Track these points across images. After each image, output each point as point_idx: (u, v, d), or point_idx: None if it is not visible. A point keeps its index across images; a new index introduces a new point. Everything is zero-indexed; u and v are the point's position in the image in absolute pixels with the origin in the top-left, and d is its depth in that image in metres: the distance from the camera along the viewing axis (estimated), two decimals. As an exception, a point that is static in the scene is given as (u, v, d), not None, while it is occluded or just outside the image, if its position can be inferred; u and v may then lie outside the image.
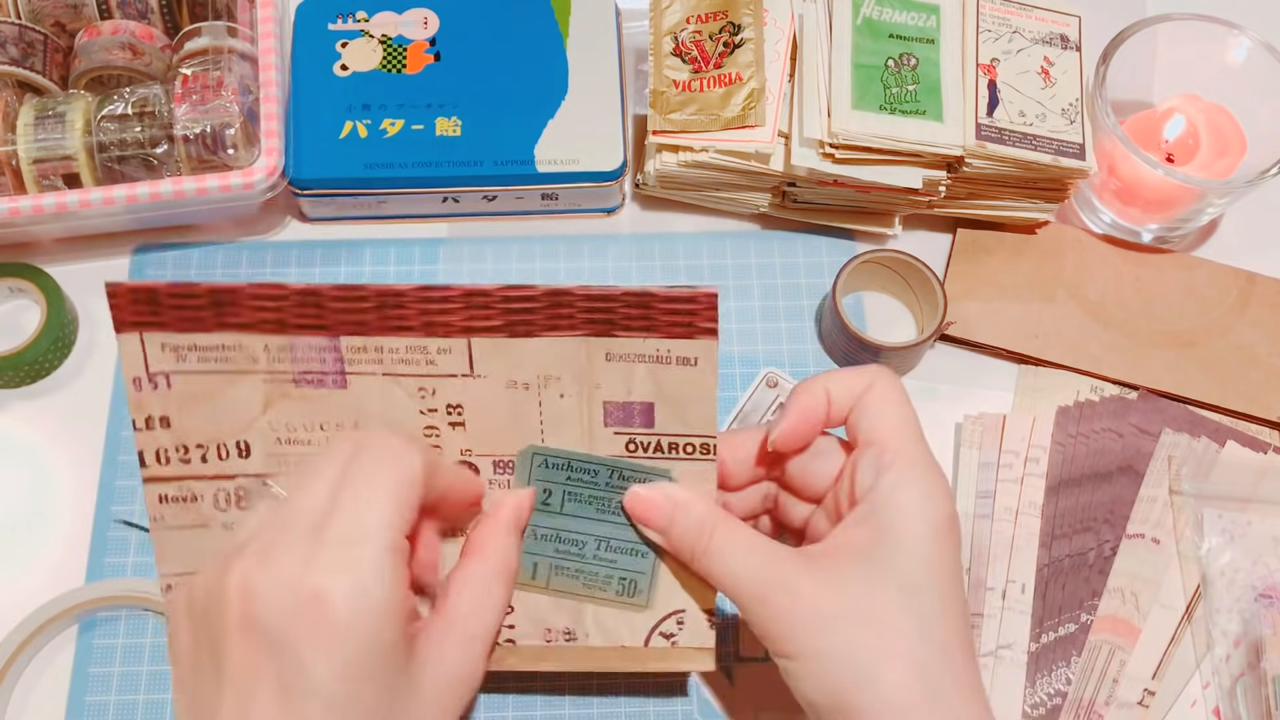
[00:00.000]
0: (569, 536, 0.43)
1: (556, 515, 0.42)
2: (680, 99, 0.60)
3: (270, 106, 0.59)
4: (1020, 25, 0.62)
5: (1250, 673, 0.52)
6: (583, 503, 0.42)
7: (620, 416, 0.41)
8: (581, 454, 0.41)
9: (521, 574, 0.43)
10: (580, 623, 0.43)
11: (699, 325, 0.38)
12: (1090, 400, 0.59)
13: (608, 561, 0.43)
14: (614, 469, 0.42)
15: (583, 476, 0.42)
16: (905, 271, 0.60)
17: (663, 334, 0.39)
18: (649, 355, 0.39)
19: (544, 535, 0.43)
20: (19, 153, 0.57)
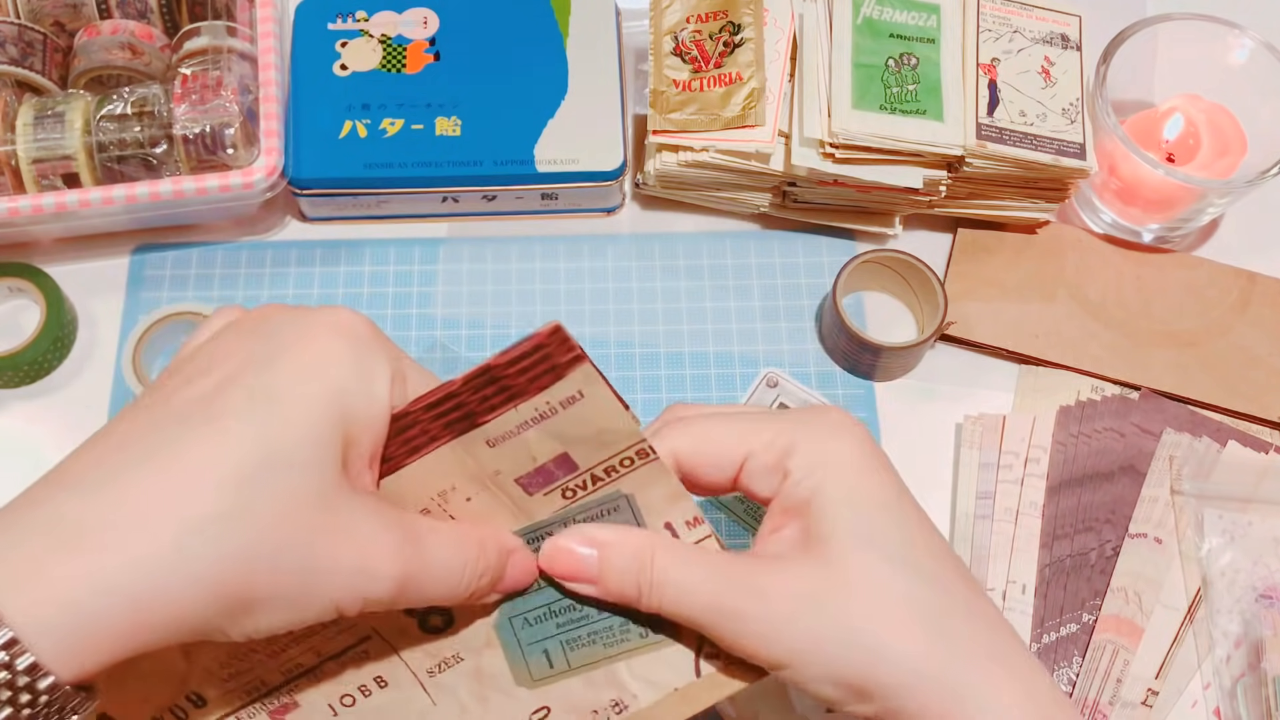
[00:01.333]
0: (563, 605, 0.39)
1: (541, 592, 0.38)
2: (680, 99, 0.60)
3: (270, 106, 0.59)
4: (1021, 25, 0.62)
5: (1251, 673, 0.52)
6: None
7: (540, 482, 0.37)
8: (525, 527, 0.38)
9: (537, 671, 0.39)
10: (623, 687, 0.39)
11: (560, 363, 0.34)
12: (1091, 400, 0.59)
13: (615, 609, 0.38)
14: (566, 520, 0.38)
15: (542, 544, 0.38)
16: (906, 271, 0.60)
17: (530, 394, 0.34)
18: (531, 419, 0.35)
19: (537, 618, 0.39)
20: (18, 152, 0.57)
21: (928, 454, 0.59)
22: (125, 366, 0.57)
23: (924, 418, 0.60)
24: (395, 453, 0.36)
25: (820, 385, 0.60)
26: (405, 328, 0.61)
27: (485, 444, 0.35)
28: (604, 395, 0.35)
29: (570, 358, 0.34)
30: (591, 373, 0.34)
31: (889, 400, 0.60)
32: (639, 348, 0.61)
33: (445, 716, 0.39)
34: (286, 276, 0.62)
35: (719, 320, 0.62)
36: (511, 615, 0.39)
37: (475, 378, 0.34)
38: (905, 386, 0.61)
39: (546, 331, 0.33)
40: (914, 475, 0.58)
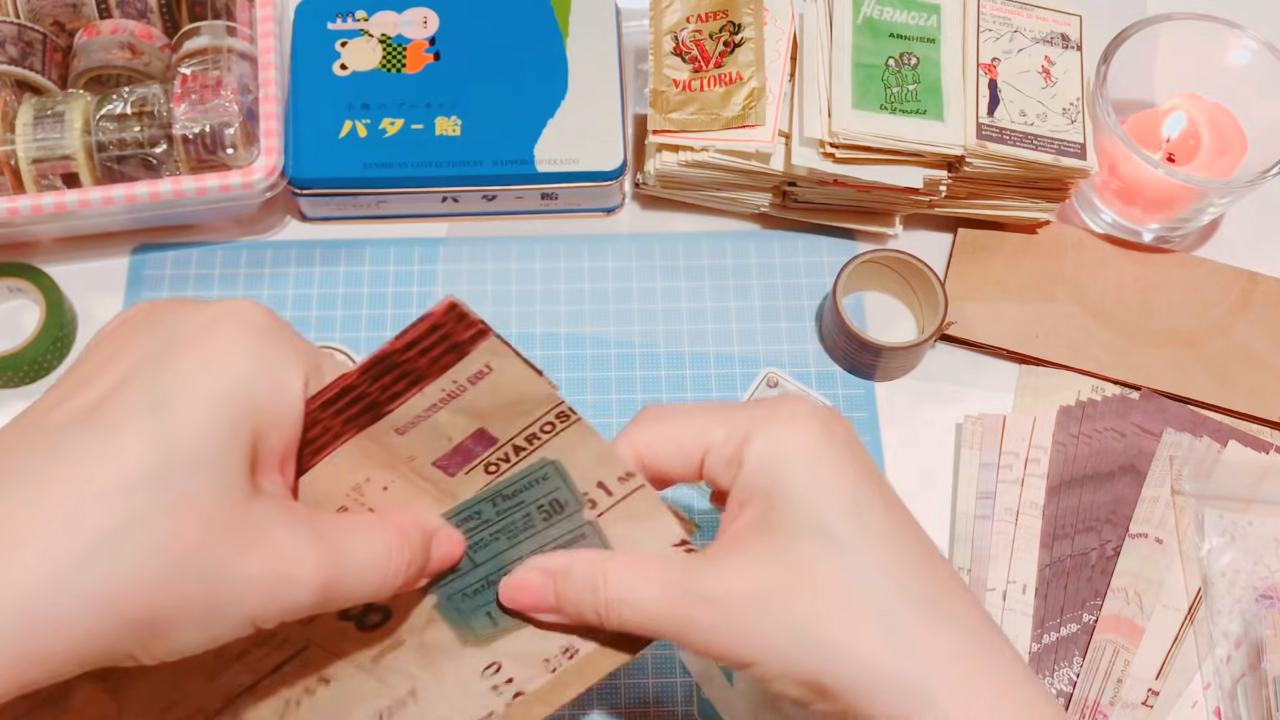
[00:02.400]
0: (501, 573, 0.38)
1: (473, 570, 0.38)
2: (680, 98, 0.60)
3: (269, 106, 0.59)
4: (1021, 24, 0.62)
5: (1251, 674, 0.52)
6: (488, 544, 0.38)
7: (459, 461, 0.36)
8: (452, 509, 0.37)
9: (482, 632, 0.39)
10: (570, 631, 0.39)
11: (461, 340, 0.32)
12: (1092, 400, 0.59)
13: None
14: (495, 496, 0.37)
15: (472, 525, 0.38)
16: (906, 271, 0.60)
17: (434, 376, 0.33)
18: (439, 401, 0.34)
19: (475, 590, 0.38)
20: (18, 152, 0.57)
21: (928, 454, 0.59)
22: (125, 366, 0.57)
23: (924, 418, 0.60)
24: (302, 454, 0.34)
25: (820, 385, 0.60)
26: (405, 328, 0.61)
27: (394, 432, 0.34)
28: (514, 364, 0.33)
29: (472, 333, 0.32)
30: (497, 344, 0.33)
31: (889, 400, 0.60)
32: (639, 348, 0.61)
33: (395, 692, 0.38)
34: (286, 276, 0.62)
35: (719, 320, 0.62)
36: (450, 594, 0.38)
37: (372, 367, 0.32)
38: (905, 386, 0.61)
39: (441, 309, 0.31)
40: (914, 475, 0.58)
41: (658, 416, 0.38)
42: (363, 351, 0.60)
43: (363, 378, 0.32)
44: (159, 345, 0.31)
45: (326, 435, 0.34)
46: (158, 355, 0.31)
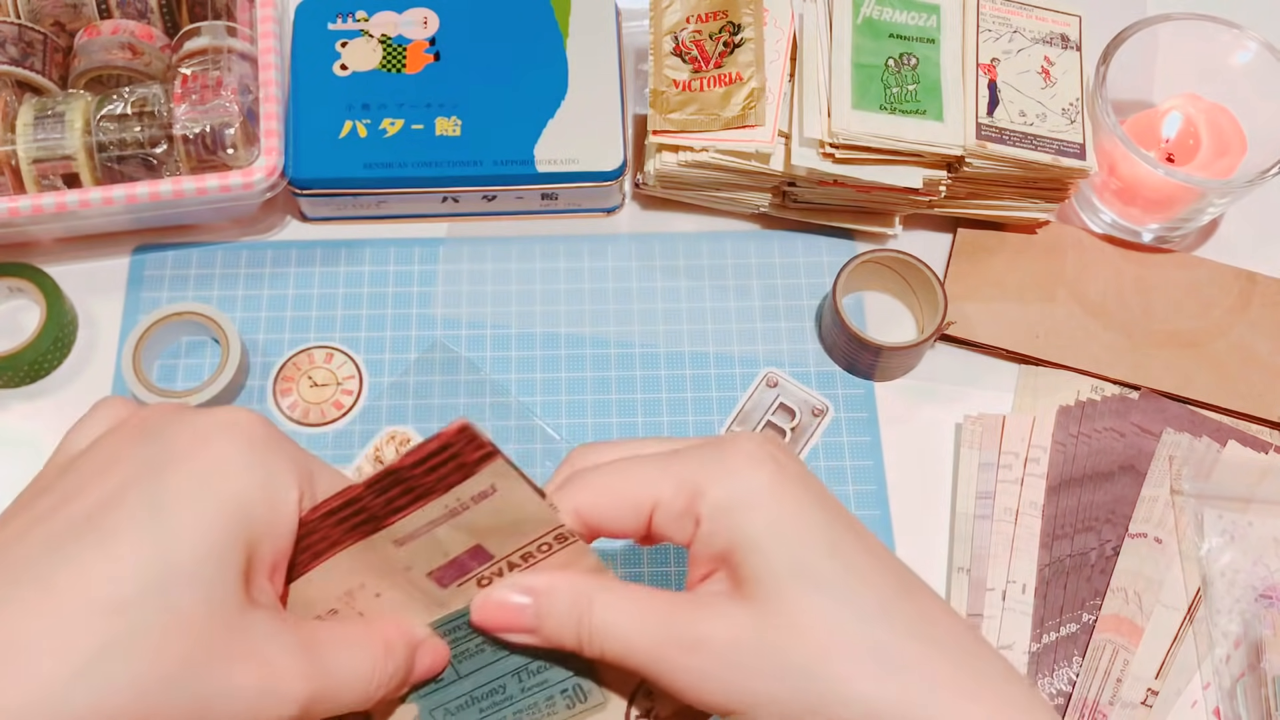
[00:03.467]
0: (484, 691, 0.37)
1: (460, 681, 0.37)
2: (680, 99, 0.60)
3: (270, 106, 0.59)
4: (1020, 25, 0.62)
5: (1250, 673, 0.52)
6: (474, 655, 0.37)
7: (453, 574, 0.35)
8: (440, 619, 0.36)
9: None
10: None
11: (469, 462, 0.32)
12: (1091, 400, 0.59)
13: (539, 686, 0.37)
14: None
15: (459, 635, 0.37)
16: (905, 271, 0.60)
17: (439, 493, 0.33)
18: (440, 517, 0.33)
19: (458, 706, 0.37)
20: (18, 152, 0.57)
21: (927, 454, 0.59)
22: (125, 366, 0.57)
23: (924, 418, 0.60)
24: (298, 559, 0.34)
25: (820, 385, 0.60)
26: (405, 328, 0.61)
27: (393, 543, 0.34)
28: (518, 488, 0.33)
29: (479, 455, 0.32)
30: (504, 467, 0.32)
31: (889, 400, 0.60)
32: (639, 348, 0.61)
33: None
34: (286, 276, 0.62)
35: (719, 320, 0.62)
36: (432, 708, 0.37)
37: (379, 481, 0.32)
38: (905, 386, 0.61)
39: (453, 430, 0.31)
40: (913, 475, 0.58)
41: (595, 469, 0.36)
42: (363, 351, 0.61)
43: (368, 491, 0.32)
44: (155, 455, 0.31)
45: (324, 543, 0.34)
46: (155, 466, 0.31)
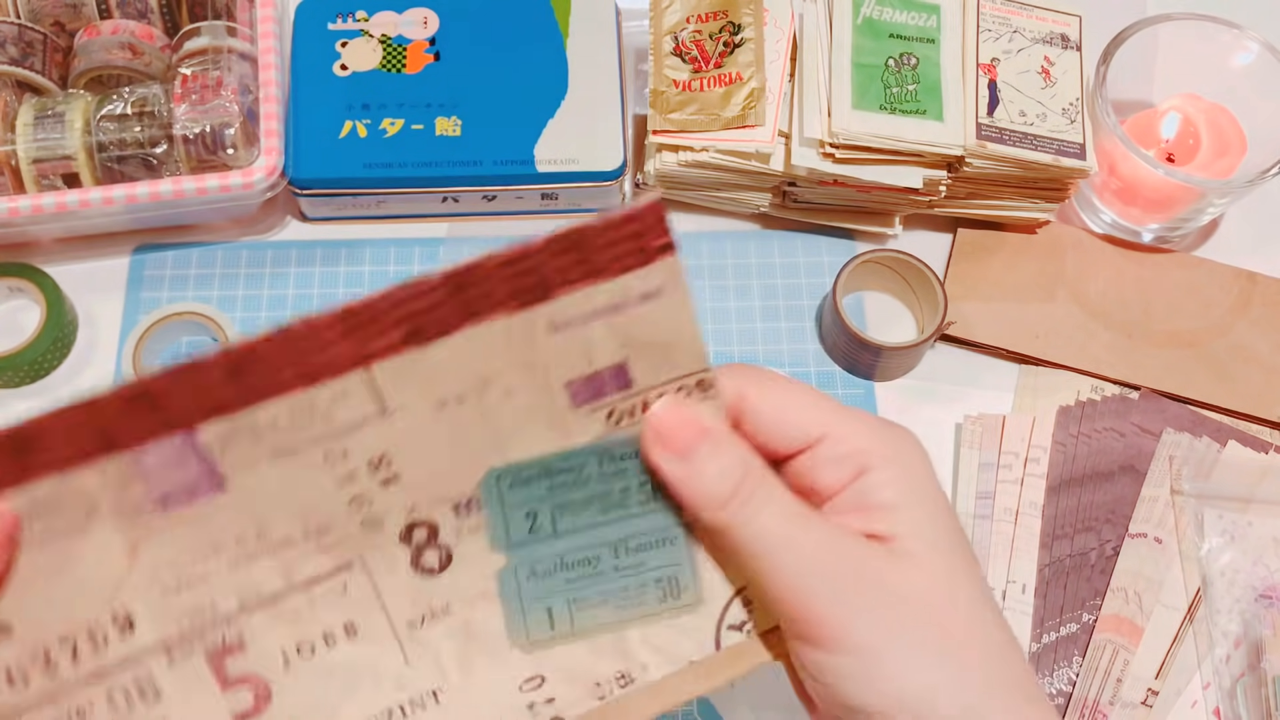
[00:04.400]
0: (576, 558, 0.34)
1: (552, 540, 0.33)
2: (680, 99, 0.60)
3: (270, 106, 0.59)
4: (1021, 25, 0.62)
5: (1250, 673, 0.52)
6: (578, 511, 0.33)
7: (589, 392, 0.32)
8: (556, 454, 0.32)
9: (535, 632, 0.34)
10: (631, 657, 0.34)
11: (651, 246, 0.30)
12: (1092, 400, 0.59)
13: (634, 568, 0.34)
14: (602, 454, 0.33)
15: (567, 479, 0.33)
16: (905, 271, 0.60)
17: (612, 274, 0.30)
18: (603, 308, 0.30)
19: (545, 570, 0.33)
20: (18, 152, 0.57)
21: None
22: (125, 366, 0.57)
23: (924, 418, 0.60)
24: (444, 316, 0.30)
25: (820, 385, 0.60)
26: (405, 328, 0.61)
27: (548, 326, 0.30)
28: (683, 300, 0.30)
29: (661, 244, 0.30)
30: (678, 269, 0.30)
31: (889, 400, 0.60)
32: (639, 348, 0.61)
33: (417, 685, 0.33)
34: (286, 276, 0.62)
35: (719, 320, 0.62)
36: (519, 563, 0.33)
37: (562, 239, 0.29)
38: (905, 386, 0.61)
39: (646, 205, 0.29)
40: (914, 475, 0.58)
41: (767, 377, 0.34)
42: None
43: (547, 247, 0.29)
44: None
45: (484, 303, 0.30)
46: None
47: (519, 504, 0.33)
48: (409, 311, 0.30)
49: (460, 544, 0.33)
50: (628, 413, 0.32)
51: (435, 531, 0.33)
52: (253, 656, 0.32)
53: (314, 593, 0.32)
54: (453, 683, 0.34)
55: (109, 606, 0.30)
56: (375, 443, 0.31)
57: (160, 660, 0.31)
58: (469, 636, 0.34)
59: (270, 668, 0.32)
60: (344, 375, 0.30)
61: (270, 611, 0.32)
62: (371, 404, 0.30)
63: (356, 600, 0.33)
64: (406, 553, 0.33)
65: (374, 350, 0.30)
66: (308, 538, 0.32)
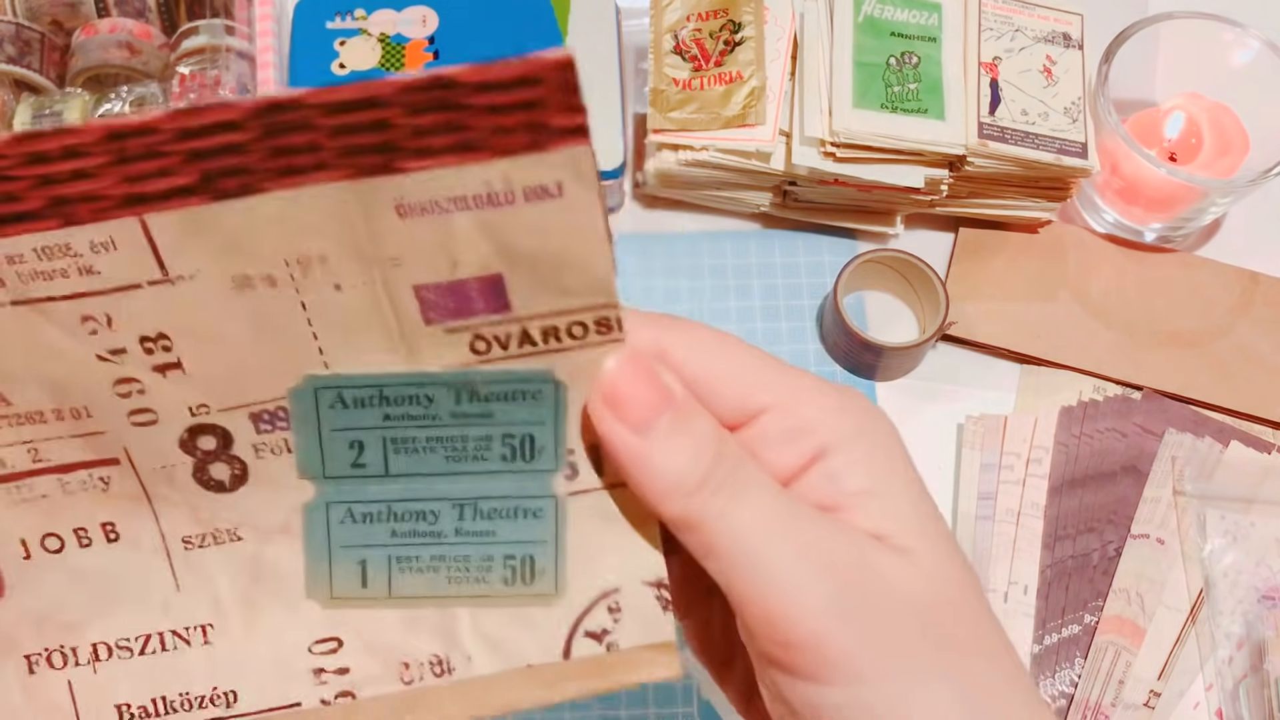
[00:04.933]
0: (411, 509, 0.27)
1: (381, 480, 0.27)
2: (680, 97, 0.59)
3: (268, 105, 0.59)
4: (1022, 24, 0.62)
5: (1253, 674, 0.52)
6: (420, 451, 0.27)
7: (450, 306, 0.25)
8: (399, 375, 0.26)
9: (341, 586, 0.28)
10: (454, 642, 0.28)
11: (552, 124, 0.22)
12: (1094, 400, 0.59)
13: (481, 535, 0.27)
14: (460, 386, 0.26)
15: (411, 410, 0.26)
16: (907, 271, 0.60)
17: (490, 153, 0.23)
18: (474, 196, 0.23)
19: (368, 514, 0.27)
20: (15, 152, 0.56)
21: (928, 455, 0.58)
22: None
23: (925, 418, 0.60)
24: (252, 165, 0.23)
25: (821, 385, 0.60)
26: (404, 328, 0.61)
27: (394, 209, 0.24)
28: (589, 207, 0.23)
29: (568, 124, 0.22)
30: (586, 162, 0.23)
31: (890, 400, 0.60)
32: (639, 348, 0.61)
33: (186, 612, 0.28)
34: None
35: (719, 320, 0.62)
36: (332, 500, 0.27)
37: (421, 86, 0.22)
38: (906, 387, 0.61)
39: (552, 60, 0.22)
40: (915, 476, 0.58)
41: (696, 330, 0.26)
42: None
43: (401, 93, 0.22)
44: None
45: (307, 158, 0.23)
46: None
47: (342, 429, 0.27)
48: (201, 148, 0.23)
49: (260, 461, 0.27)
50: (500, 343, 0.25)
51: (229, 441, 0.27)
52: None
53: (67, 479, 0.27)
54: (229, 623, 0.28)
55: None
56: (151, 316, 0.25)
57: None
58: (258, 574, 0.28)
59: (7, 556, 0.27)
60: (110, 218, 0.24)
61: (11, 490, 0.27)
62: (148, 264, 0.24)
63: (121, 499, 0.27)
64: (189, 460, 0.27)
65: (152, 194, 0.23)
66: (62, 418, 0.26)
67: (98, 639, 0.28)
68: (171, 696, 0.28)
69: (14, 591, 0.27)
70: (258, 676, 0.28)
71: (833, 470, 0.25)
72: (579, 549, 0.27)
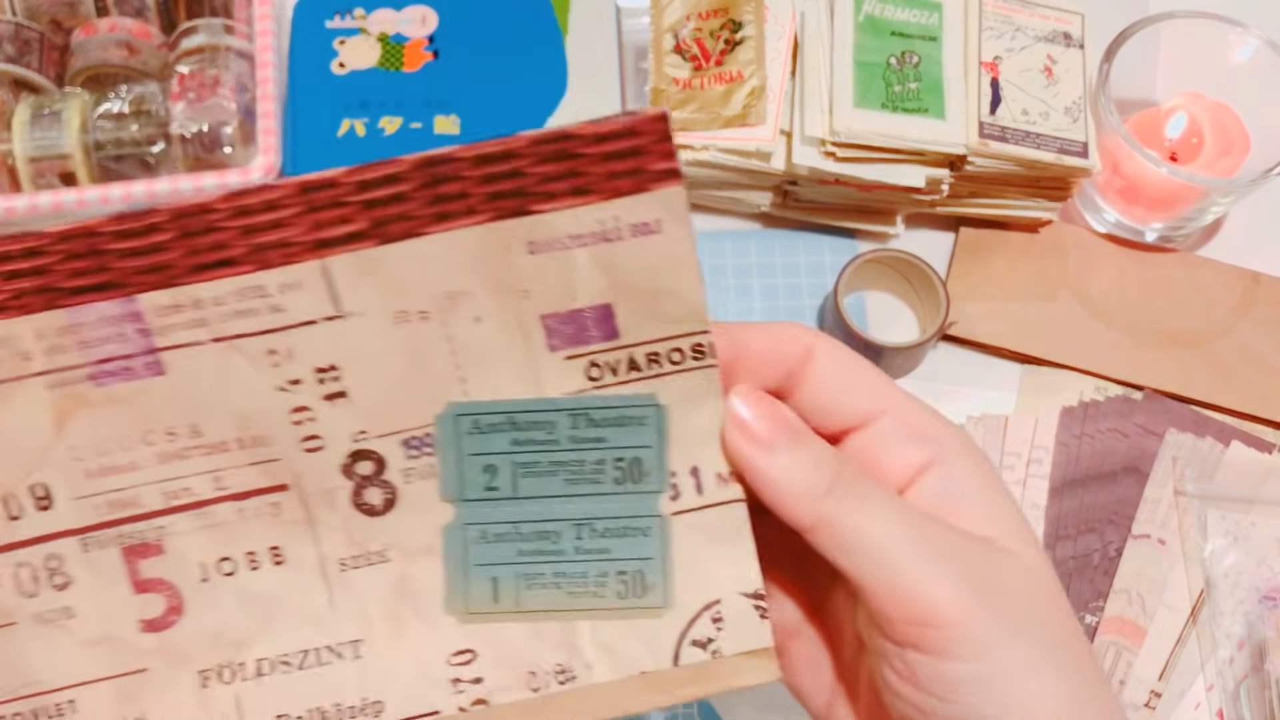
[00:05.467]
0: (535, 529, 0.30)
1: (510, 502, 0.30)
2: (681, 97, 0.59)
3: (267, 105, 0.59)
4: (1023, 23, 0.61)
5: (1254, 675, 0.52)
6: (543, 475, 0.30)
7: (570, 333, 0.28)
8: (526, 402, 0.29)
9: (476, 602, 0.30)
10: (577, 652, 0.31)
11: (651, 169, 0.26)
12: (1095, 400, 0.59)
13: (597, 553, 0.30)
14: (577, 412, 0.29)
15: (535, 435, 0.30)
16: (908, 271, 0.60)
17: (602, 195, 0.27)
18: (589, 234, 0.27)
19: (499, 534, 0.30)
20: (15, 151, 0.56)
21: (930, 454, 0.58)
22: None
23: (926, 418, 0.59)
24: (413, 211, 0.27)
25: (821, 385, 0.60)
26: (404, 327, 0.61)
27: (526, 247, 0.27)
28: (684, 241, 0.27)
29: (664, 168, 0.27)
30: (680, 202, 0.27)
31: (891, 400, 0.60)
32: (639, 348, 0.61)
33: (339, 628, 0.31)
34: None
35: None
36: (469, 521, 0.30)
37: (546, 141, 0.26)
38: (907, 387, 0.60)
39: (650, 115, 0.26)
40: (916, 476, 0.58)
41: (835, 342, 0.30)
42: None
43: (531, 145, 0.26)
44: None
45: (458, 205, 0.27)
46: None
47: (477, 453, 0.30)
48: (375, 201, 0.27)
49: (408, 486, 0.30)
50: (611, 369, 0.29)
51: (382, 466, 0.30)
52: (171, 561, 0.30)
53: (244, 506, 0.30)
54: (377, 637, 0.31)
55: (28, 478, 0.29)
56: (325, 348, 0.28)
57: (74, 545, 0.29)
58: (402, 592, 0.31)
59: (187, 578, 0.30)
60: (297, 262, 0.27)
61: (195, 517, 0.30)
62: (324, 301, 0.28)
63: (288, 524, 0.30)
64: (348, 485, 0.30)
65: (332, 238, 0.27)
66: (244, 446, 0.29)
67: (262, 655, 0.30)
68: (326, 707, 0.31)
69: (191, 611, 0.30)
70: (401, 686, 0.31)
71: (948, 477, 0.29)
72: (684, 564, 0.30)
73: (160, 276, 0.27)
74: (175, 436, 0.29)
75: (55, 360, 0.28)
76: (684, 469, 0.30)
